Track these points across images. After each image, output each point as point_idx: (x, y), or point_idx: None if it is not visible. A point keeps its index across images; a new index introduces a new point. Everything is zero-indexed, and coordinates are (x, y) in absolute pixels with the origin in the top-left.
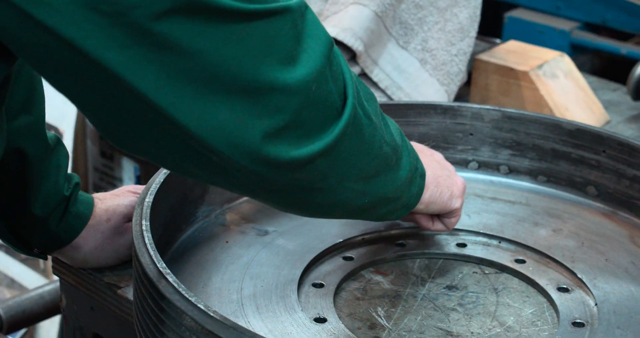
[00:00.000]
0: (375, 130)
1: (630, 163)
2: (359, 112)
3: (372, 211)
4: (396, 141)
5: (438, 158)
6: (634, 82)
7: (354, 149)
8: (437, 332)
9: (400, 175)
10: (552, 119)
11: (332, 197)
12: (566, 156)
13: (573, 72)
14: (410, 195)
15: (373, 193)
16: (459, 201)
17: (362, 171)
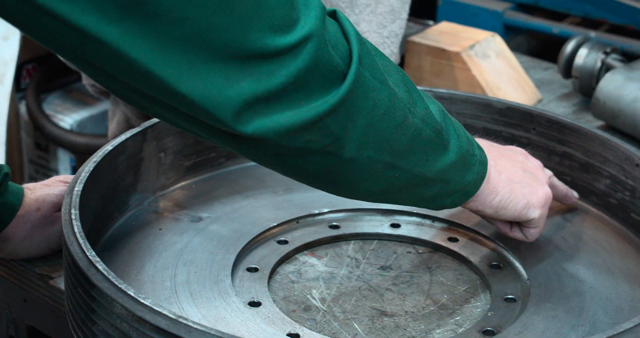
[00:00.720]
0: (395, 98)
1: (560, 140)
2: (367, 77)
3: (411, 190)
4: (435, 119)
5: (529, 166)
6: (564, 61)
7: (366, 113)
8: (371, 312)
9: (447, 157)
10: (482, 99)
11: (354, 166)
12: (498, 134)
13: (505, 52)
14: (466, 182)
15: (405, 168)
16: (537, 211)
17: (385, 140)
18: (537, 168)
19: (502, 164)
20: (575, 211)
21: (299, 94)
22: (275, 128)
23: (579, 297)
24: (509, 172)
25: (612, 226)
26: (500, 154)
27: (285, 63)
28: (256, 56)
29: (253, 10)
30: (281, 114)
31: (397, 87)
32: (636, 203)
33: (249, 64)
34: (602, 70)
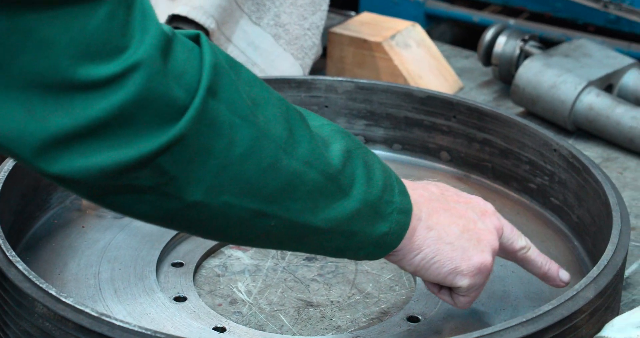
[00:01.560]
0: (263, 137)
1: (480, 127)
2: (222, 112)
3: (303, 241)
4: (330, 163)
5: (475, 227)
6: (484, 49)
7: (218, 152)
8: (297, 303)
9: (346, 204)
10: (403, 88)
11: (206, 212)
12: (419, 123)
13: (425, 41)
14: (379, 233)
15: (283, 217)
16: (465, 280)
17: (247, 184)
18: (488, 231)
19: (437, 219)
20: (497, 197)
21: (124, 130)
22: (89, 168)
23: (501, 282)
24: (442, 229)
25: (532, 211)
26: (442, 207)
27: (105, 95)
28: (67, 87)
29: (60, 33)
30: (100, 153)
31: (271, 124)
32: (555, 187)
33: (58, 95)
34: (520, 57)
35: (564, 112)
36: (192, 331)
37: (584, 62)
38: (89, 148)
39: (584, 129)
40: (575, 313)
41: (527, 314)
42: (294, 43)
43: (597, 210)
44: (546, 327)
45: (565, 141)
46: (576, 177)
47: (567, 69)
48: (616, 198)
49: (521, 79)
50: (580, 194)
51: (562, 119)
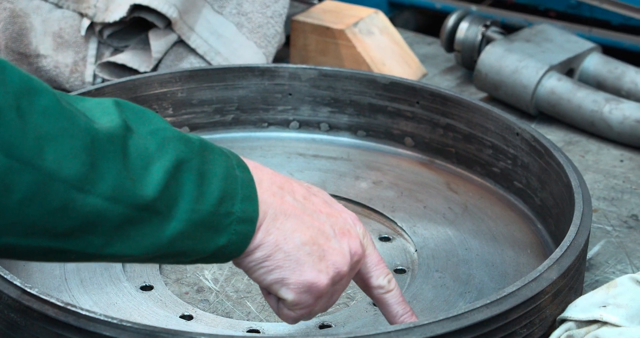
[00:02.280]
0: (49, 180)
1: (443, 112)
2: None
3: (124, 262)
4: (141, 194)
5: (324, 243)
6: (446, 35)
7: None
8: None
9: (167, 228)
10: (366, 75)
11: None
12: (383, 109)
13: (388, 28)
14: (215, 247)
15: (87, 252)
16: (291, 295)
17: (34, 227)
18: (339, 252)
19: (282, 224)
20: (461, 181)
21: None
22: None
23: (466, 265)
24: (283, 235)
25: (496, 195)
26: (295, 213)
27: None
28: None
29: None
30: None
31: (64, 161)
32: (518, 171)
33: None
34: (482, 43)
35: (526, 96)
36: (159, 319)
37: (545, 47)
38: None
39: (546, 113)
40: (539, 294)
41: (491, 296)
42: (256, 31)
43: (560, 193)
44: (510, 308)
45: (528, 125)
46: (538, 160)
47: (528, 54)
48: (578, 181)
49: (483, 65)
50: (542, 177)
51: (525, 103)
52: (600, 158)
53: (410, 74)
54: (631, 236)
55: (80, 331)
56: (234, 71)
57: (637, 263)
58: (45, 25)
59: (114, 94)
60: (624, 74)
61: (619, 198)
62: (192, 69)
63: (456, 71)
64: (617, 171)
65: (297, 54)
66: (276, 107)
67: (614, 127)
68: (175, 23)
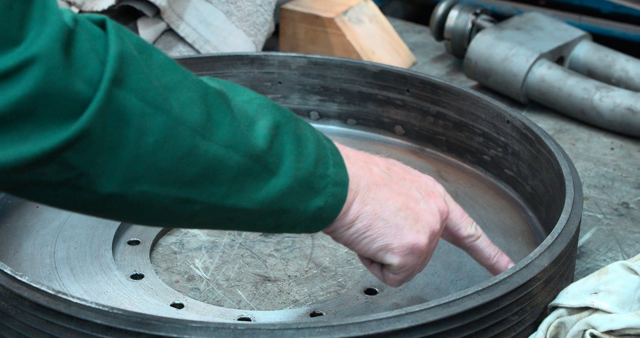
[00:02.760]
0: (177, 124)
1: (434, 100)
2: (131, 102)
3: (235, 222)
4: (254, 144)
5: (417, 206)
6: (436, 23)
7: (129, 143)
8: (254, 279)
9: (275, 183)
10: (356, 63)
11: (124, 202)
12: (373, 97)
13: (378, 17)
14: (315, 208)
15: (207, 202)
16: (396, 258)
17: (165, 173)
18: (429, 212)
19: (375, 194)
20: (451, 169)
21: (23, 126)
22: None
23: (457, 253)
24: (378, 205)
25: (486, 182)
26: (384, 182)
27: (2, 90)
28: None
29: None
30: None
31: (187, 109)
32: (508, 158)
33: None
34: (472, 31)
35: (517, 84)
36: (150, 308)
37: (535, 35)
38: (5, 137)
39: (536, 101)
40: (530, 281)
41: (483, 283)
42: (246, 20)
43: (550, 180)
44: (502, 295)
45: (518, 113)
46: (529, 148)
47: (518, 42)
48: (569, 168)
49: (473, 53)
50: (533, 165)
51: (515, 91)
52: (590, 145)
53: (400, 63)
54: (622, 224)
55: (72, 319)
56: (223, 59)
57: (628, 251)
58: None
59: None
60: (614, 62)
61: (609, 185)
62: (181, 58)
63: (446, 60)
64: (608, 159)
65: (286, 42)
66: (266, 96)
67: (604, 115)
68: (164, 11)
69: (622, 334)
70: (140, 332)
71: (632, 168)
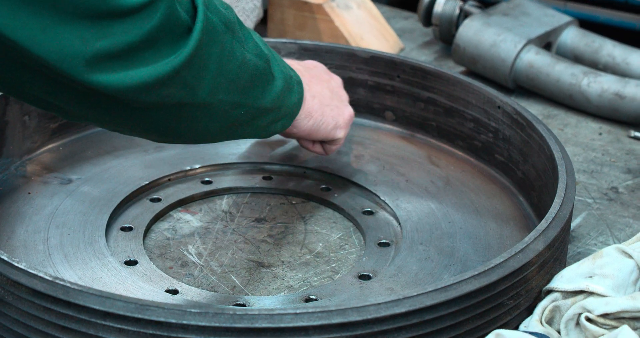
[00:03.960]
0: (234, 38)
1: (424, 86)
2: (215, 21)
3: (252, 123)
4: (263, 51)
5: (334, 85)
6: (424, 9)
7: (216, 58)
8: (248, 264)
9: (276, 84)
10: (346, 49)
11: (207, 112)
12: (363, 83)
13: (366, 3)
14: (291, 104)
15: (250, 104)
16: (342, 131)
17: (232, 81)
18: (340, 86)
19: (315, 88)
20: (442, 155)
21: (150, 51)
22: (132, 83)
23: (450, 238)
24: (320, 95)
25: (477, 168)
26: (311, 76)
27: (138, 22)
28: (109, 15)
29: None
30: (137, 70)
31: (233, 25)
32: (499, 144)
33: (102, 23)
34: (460, 17)
35: (505, 70)
36: (145, 294)
37: (523, 20)
38: (128, 65)
39: (525, 87)
40: (525, 265)
41: (479, 267)
42: (235, 6)
43: (542, 165)
44: (498, 279)
45: (509, 98)
46: (520, 133)
47: (506, 28)
48: (561, 153)
49: (462, 39)
50: (524, 150)
51: (503, 77)
52: (579, 131)
53: (388, 49)
54: (611, 209)
55: (70, 305)
56: None
57: (619, 235)
58: None
59: None
60: (601, 48)
61: (598, 170)
62: None
63: (433, 45)
64: (596, 144)
65: (274, 28)
66: None
67: (592, 100)
68: None
69: (617, 317)
70: (139, 318)
71: (620, 153)
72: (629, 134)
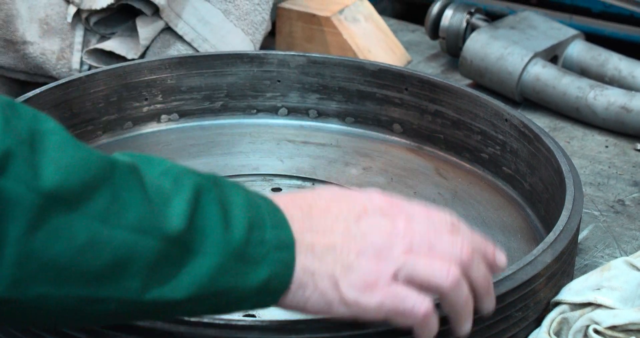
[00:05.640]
0: (71, 212)
1: (432, 99)
2: (12, 192)
3: (168, 313)
4: (171, 223)
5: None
6: (431, 22)
7: (13, 237)
8: None
9: (202, 265)
10: (355, 61)
11: (20, 308)
12: (371, 96)
13: (373, 16)
14: (260, 281)
15: (125, 299)
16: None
17: (63, 269)
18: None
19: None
20: (450, 167)
21: None
22: None
23: None
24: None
25: (485, 180)
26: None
27: None
28: None
29: None
30: None
31: (85, 192)
32: (506, 156)
33: None
34: (467, 30)
35: (512, 83)
36: None
37: (530, 34)
38: None
39: (531, 99)
40: (534, 277)
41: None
42: (244, 18)
43: (549, 178)
44: (506, 291)
45: (517, 111)
46: (527, 146)
47: (513, 41)
48: (568, 166)
49: (469, 52)
50: (532, 162)
51: (510, 90)
52: (585, 143)
53: (395, 61)
54: (618, 221)
55: None
56: (223, 58)
57: (625, 248)
58: (31, 12)
59: (105, 80)
60: (607, 61)
61: (605, 183)
62: (181, 56)
63: (440, 58)
64: (603, 156)
65: (283, 41)
66: (265, 94)
67: (598, 113)
68: (163, 10)
69: (625, 329)
70: (149, 327)
71: (627, 166)
72: (635, 147)
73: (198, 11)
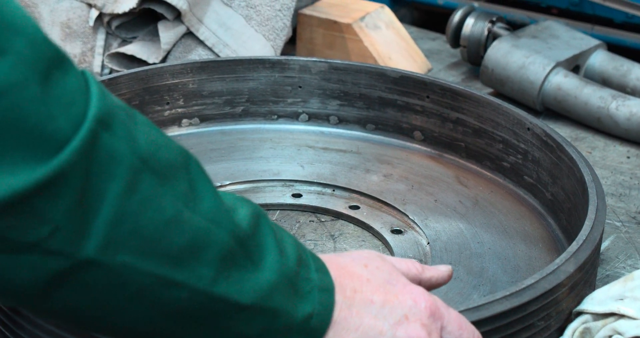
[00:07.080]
0: (164, 185)
1: (453, 107)
2: (120, 149)
3: (221, 323)
4: (239, 225)
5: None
6: (452, 31)
7: (113, 196)
8: None
9: (261, 275)
10: (377, 68)
11: (101, 276)
12: (392, 103)
13: (394, 23)
14: (304, 314)
15: (196, 287)
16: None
17: (148, 240)
18: None
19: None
20: (470, 176)
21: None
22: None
23: (479, 258)
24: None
25: (506, 189)
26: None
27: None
28: None
29: None
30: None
31: (170, 171)
32: (528, 165)
33: None
34: (489, 39)
35: (533, 92)
36: None
37: (552, 43)
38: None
39: (553, 109)
40: (556, 286)
41: (511, 288)
42: (265, 24)
43: (572, 187)
44: (529, 300)
45: (539, 120)
46: (550, 155)
47: (535, 50)
48: (591, 175)
49: (490, 60)
50: (554, 172)
51: (531, 99)
52: (606, 154)
53: (416, 69)
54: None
55: None
56: (244, 63)
57: None
58: (53, 16)
59: (127, 84)
60: (630, 71)
61: (626, 194)
62: (203, 61)
63: (461, 67)
64: (624, 167)
65: (303, 47)
66: (286, 100)
67: (620, 123)
68: (185, 15)
69: None
70: None
71: None
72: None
73: (219, 16)
